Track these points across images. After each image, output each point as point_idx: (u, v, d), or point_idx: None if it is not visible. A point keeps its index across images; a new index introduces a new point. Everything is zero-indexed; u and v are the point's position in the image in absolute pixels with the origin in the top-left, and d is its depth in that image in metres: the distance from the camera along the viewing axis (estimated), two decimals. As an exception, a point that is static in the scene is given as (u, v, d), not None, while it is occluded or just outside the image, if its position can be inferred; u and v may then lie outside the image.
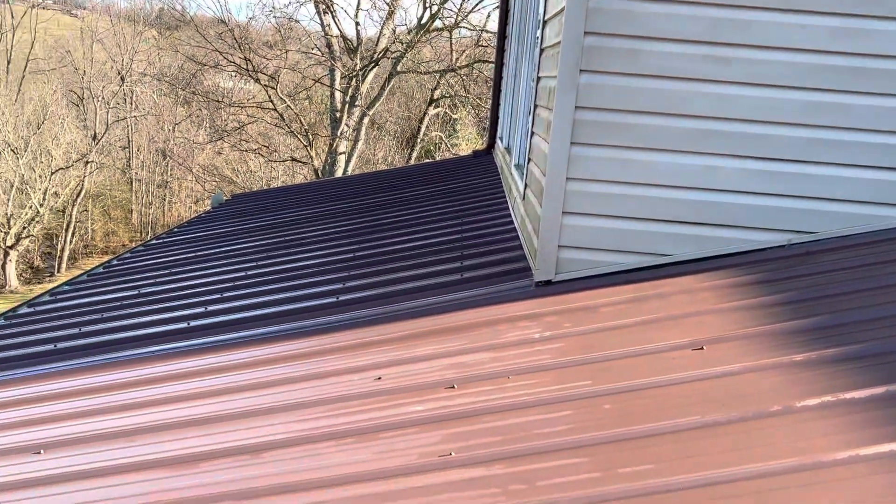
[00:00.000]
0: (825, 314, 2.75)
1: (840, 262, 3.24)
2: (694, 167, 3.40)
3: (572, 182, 3.49)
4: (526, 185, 4.57)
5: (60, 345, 4.01)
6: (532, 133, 4.53)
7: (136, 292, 4.90)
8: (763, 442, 2.00)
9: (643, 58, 3.32)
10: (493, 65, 10.23)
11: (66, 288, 5.52)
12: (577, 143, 3.44)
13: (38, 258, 30.76)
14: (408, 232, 5.42)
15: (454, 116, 25.83)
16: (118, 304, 4.69)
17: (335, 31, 20.63)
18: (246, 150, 24.10)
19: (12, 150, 28.53)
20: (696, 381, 2.41)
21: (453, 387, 2.66)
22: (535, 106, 4.48)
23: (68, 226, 30.36)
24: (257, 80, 21.25)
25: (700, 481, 1.86)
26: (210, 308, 4.23)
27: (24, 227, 28.68)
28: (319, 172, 20.25)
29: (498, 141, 8.53)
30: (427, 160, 21.88)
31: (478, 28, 21.22)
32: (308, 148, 21.14)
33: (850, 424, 1.98)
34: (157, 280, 5.15)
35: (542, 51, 4.46)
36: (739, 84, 3.34)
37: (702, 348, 2.64)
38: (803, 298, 2.94)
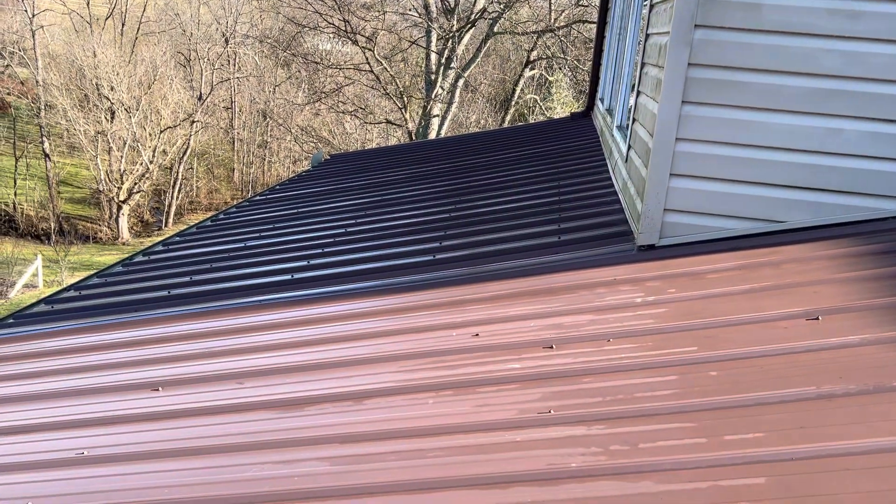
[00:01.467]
0: (957, 289, 2.56)
1: (975, 234, 3.01)
2: (815, 129, 3.21)
3: (682, 143, 3.36)
4: (629, 147, 4.44)
5: (174, 291, 4.24)
6: (638, 92, 4.38)
7: (242, 245, 5.11)
8: (884, 417, 1.89)
9: (765, 12, 3.13)
10: (595, 24, 9.93)
11: (177, 239, 5.81)
12: (689, 102, 3.30)
13: (148, 213, 32.51)
14: (503, 194, 5.39)
15: (550, 79, 25.33)
16: (226, 255, 4.90)
17: (432, -8, 20.51)
18: (343, 112, 24.49)
19: (125, 109, 30.08)
20: (810, 351, 2.30)
21: (551, 347, 2.65)
22: (643, 64, 4.32)
23: (175, 182, 31.87)
24: (355, 42, 21.47)
25: (813, 452, 1.78)
26: (312, 262, 4.36)
27: (136, 183, 30.32)
28: (413, 135, 20.39)
29: (598, 103, 8.32)
30: (521, 123, 21.63)
31: (578, -13, 20.60)
32: (402, 110, 21.28)
33: (985, 404, 1.85)
34: (262, 234, 5.35)
35: (651, 6, 4.28)
36: (870, 40, 3.11)
37: (817, 318, 2.51)
38: (932, 271, 2.74)
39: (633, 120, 4.43)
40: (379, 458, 2.04)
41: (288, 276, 4.11)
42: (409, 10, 22.20)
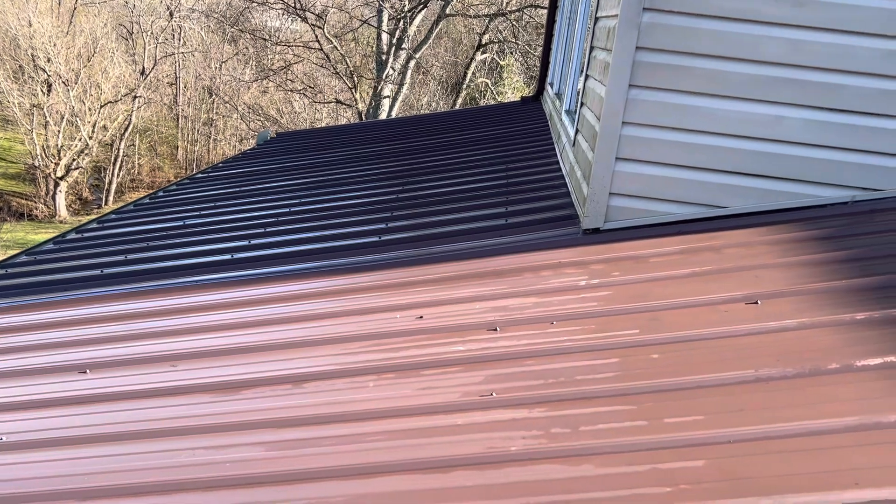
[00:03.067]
0: (889, 274, 2.62)
1: (908, 221, 3.08)
2: (759, 116, 3.24)
3: (628, 127, 3.35)
4: (577, 131, 4.43)
5: (107, 270, 4.07)
6: (587, 76, 4.37)
7: (181, 223, 4.94)
8: (820, 399, 1.92)
9: (712, -3, 3.13)
10: (546, 9, 9.92)
11: (113, 216, 5.60)
12: (636, 86, 3.29)
13: (87, 190, 31.42)
14: (452, 176, 5.34)
15: (501, 63, 25.32)
16: (163, 234, 4.73)
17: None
18: (291, 91, 24.01)
19: (63, 82, 28.92)
20: (749, 335, 2.33)
21: (496, 329, 2.62)
22: (592, 48, 4.31)
23: (116, 159, 30.85)
24: (304, 19, 21.03)
25: (750, 435, 1.79)
26: (254, 242, 4.24)
27: (74, 159, 29.25)
28: (363, 115, 20.13)
29: (548, 87, 8.32)
30: (472, 106, 21.54)
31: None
32: (353, 90, 20.98)
33: (915, 387, 1.88)
34: (202, 213, 5.18)
35: (601, -10, 4.26)
36: (814, 29, 3.14)
37: (756, 302, 2.54)
38: (866, 257, 2.80)
39: (582, 104, 4.42)
40: (315, 442, 1.98)
41: (228, 256, 3.98)
42: (361, -12, 21.84)
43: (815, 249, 2.95)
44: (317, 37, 20.82)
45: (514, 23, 20.88)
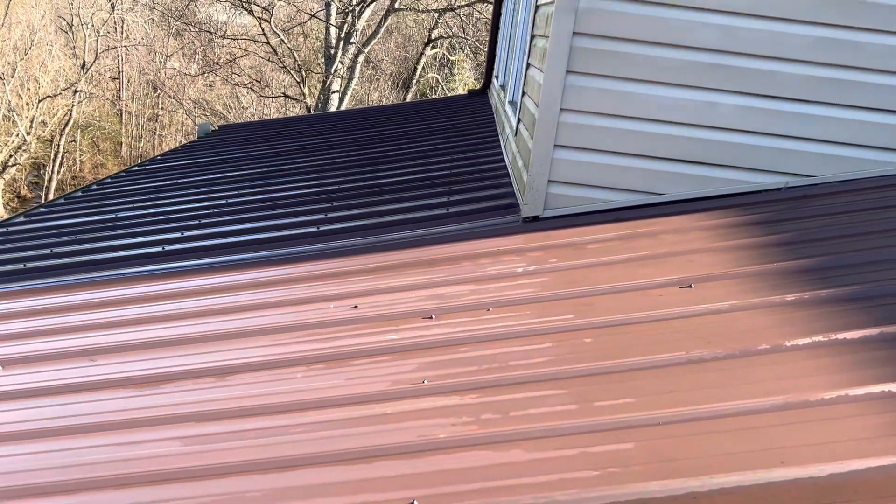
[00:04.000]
0: (820, 256, 2.65)
1: (837, 206, 3.13)
2: (693, 103, 3.25)
3: (566, 113, 3.33)
4: (519, 120, 4.41)
5: (30, 264, 3.88)
6: (528, 65, 4.34)
7: (112, 216, 4.76)
8: (749, 380, 1.91)
9: (647, -18, 3.13)
10: (492, 3, 9.89)
11: (42, 210, 5.37)
12: (574, 72, 3.27)
13: (26, 187, 30.34)
14: (396, 166, 5.27)
15: (452, 59, 25.27)
16: (93, 227, 4.55)
17: (332, -36, 19.96)
18: (237, 85, 23.55)
19: (-2, 76, 27.83)
20: (681, 318, 2.32)
21: (431, 317, 2.56)
22: (533, 36, 4.28)
23: (56, 156, 29.84)
24: (251, 12, 20.63)
25: (681, 416, 1.77)
26: (187, 234, 4.10)
27: (11, 156, 28.19)
28: (312, 110, 19.85)
29: (494, 80, 8.31)
30: (420, 99, 21.44)
31: (479, -34, 20.55)
32: (301, 84, 20.66)
33: (840, 365, 1.89)
34: (136, 205, 5.00)
35: (541, -23, 4.24)
36: (745, 16, 3.16)
37: (690, 286, 2.54)
38: (797, 241, 2.83)
39: (524, 93, 4.40)
40: (236, 436, 1.90)
41: (158, 249, 3.84)
42: (308, -19, 21.52)
43: (748, 234, 2.97)
44: (263, 30, 20.46)
45: (463, 18, 20.86)
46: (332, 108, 19.37)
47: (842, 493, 1.48)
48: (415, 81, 23.30)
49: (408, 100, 22.68)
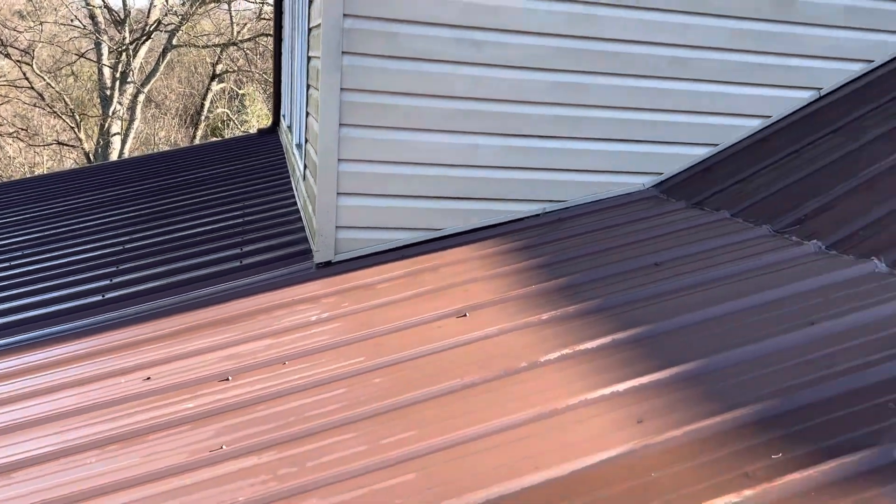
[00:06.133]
0: (572, 274, 3.06)
1: (586, 225, 3.61)
2: (456, 145, 3.60)
3: (344, 163, 3.54)
4: (305, 166, 4.55)
5: None
6: (307, 113, 4.51)
7: None
8: (512, 397, 2.20)
9: (401, 40, 3.43)
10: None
11: None
12: (346, 125, 3.49)
13: None
14: (186, 219, 5.18)
15: (241, 92, 24.80)
16: None
17: (97, 1, 18.86)
18: (1, 135, 21.43)
19: None
20: (458, 346, 2.58)
21: (228, 379, 2.63)
22: (308, 86, 4.46)
23: None
24: (7, 56, 18.91)
25: (456, 440, 2.01)
26: (-49, 318, 3.77)
27: None
28: (91, 156, 18.55)
29: (282, 119, 8.37)
30: (214, 139, 20.83)
31: (258, 0, 20.45)
32: (76, 129, 19.25)
33: (581, 373, 2.24)
34: None
35: (310, 30, 4.44)
36: (491, 66, 3.56)
37: (465, 315, 2.83)
38: (553, 262, 3.24)
39: (306, 140, 4.55)
40: (26, 536, 1.86)
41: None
42: (73, 20, 20.13)
43: (514, 260, 3.34)
44: (25, 74, 18.82)
45: (247, 52, 20.59)
46: (114, 153, 18.25)
47: (583, 485, 1.78)
48: (203, 117, 22.57)
49: (197, 136, 21.91)
